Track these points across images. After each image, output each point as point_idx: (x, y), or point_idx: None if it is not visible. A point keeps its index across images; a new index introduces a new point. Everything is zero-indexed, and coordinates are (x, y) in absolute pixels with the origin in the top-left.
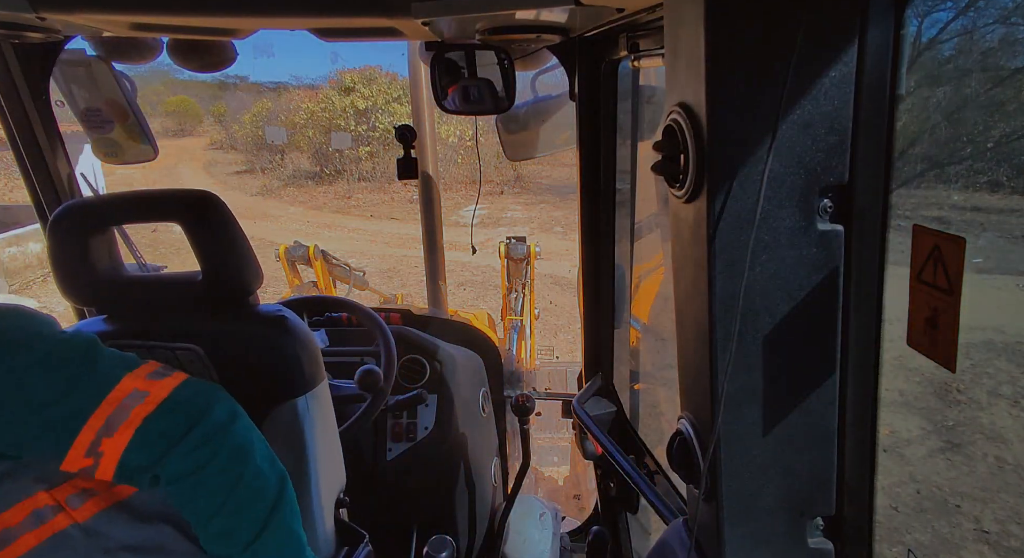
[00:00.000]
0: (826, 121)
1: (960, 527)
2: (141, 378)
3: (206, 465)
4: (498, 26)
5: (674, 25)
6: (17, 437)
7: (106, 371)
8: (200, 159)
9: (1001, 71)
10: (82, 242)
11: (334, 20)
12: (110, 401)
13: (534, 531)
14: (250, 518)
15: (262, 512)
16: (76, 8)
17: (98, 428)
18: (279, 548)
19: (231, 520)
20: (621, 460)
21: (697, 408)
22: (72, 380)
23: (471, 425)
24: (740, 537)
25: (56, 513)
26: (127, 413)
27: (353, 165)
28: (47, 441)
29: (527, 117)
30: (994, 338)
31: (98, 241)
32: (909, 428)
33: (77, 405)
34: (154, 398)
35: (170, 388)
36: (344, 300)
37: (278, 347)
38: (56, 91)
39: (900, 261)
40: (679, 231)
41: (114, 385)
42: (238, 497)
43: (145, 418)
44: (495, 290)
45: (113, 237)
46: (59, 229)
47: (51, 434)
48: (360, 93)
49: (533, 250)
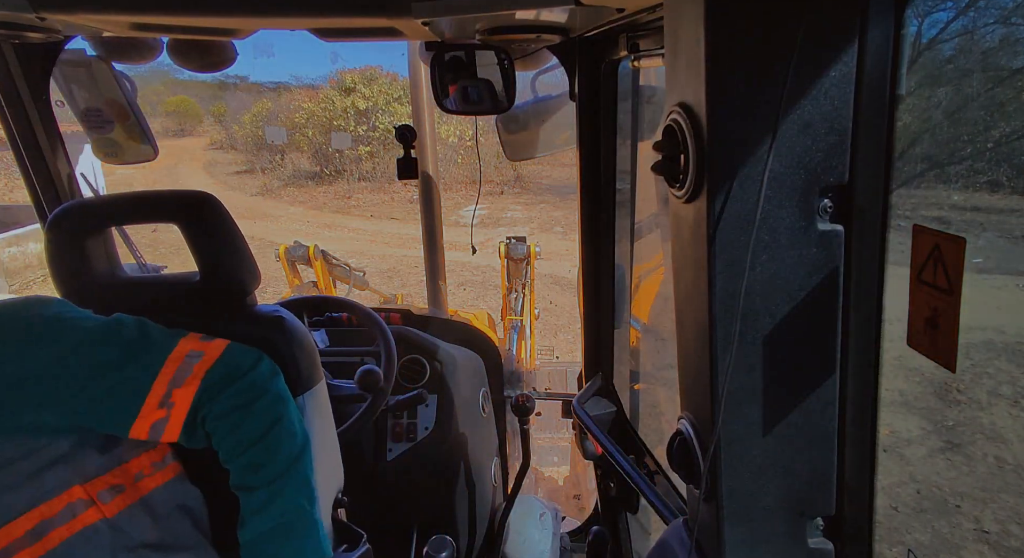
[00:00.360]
0: (826, 121)
1: (960, 527)
2: (195, 340)
3: (253, 402)
4: (498, 26)
5: (674, 25)
6: (76, 406)
7: (161, 339)
8: (200, 159)
9: (1001, 71)
10: (80, 243)
11: (334, 20)
12: (173, 359)
13: (534, 531)
14: (280, 456)
15: (290, 454)
16: (76, 8)
17: (167, 381)
18: (297, 490)
19: (264, 454)
20: (621, 460)
21: (697, 408)
22: (131, 347)
23: (471, 425)
24: (740, 537)
25: (87, 507)
26: (190, 368)
27: (353, 165)
28: (113, 404)
29: (527, 117)
30: (994, 338)
31: (96, 242)
32: (909, 428)
33: (143, 366)
34: (210, 356)
35: (222, 348)
36: (344, 300)
37: (277, 347)
38: (56, 91)
39: (900, 261)
40: (679, 231)
41: (173, 347)
42: (275, 434)
43: (207, 370)
44: (495, 290)
45: (111, 238)
46: (57, 230)
47: (117, 397)
48: (361, 93)
49: (533, 250)
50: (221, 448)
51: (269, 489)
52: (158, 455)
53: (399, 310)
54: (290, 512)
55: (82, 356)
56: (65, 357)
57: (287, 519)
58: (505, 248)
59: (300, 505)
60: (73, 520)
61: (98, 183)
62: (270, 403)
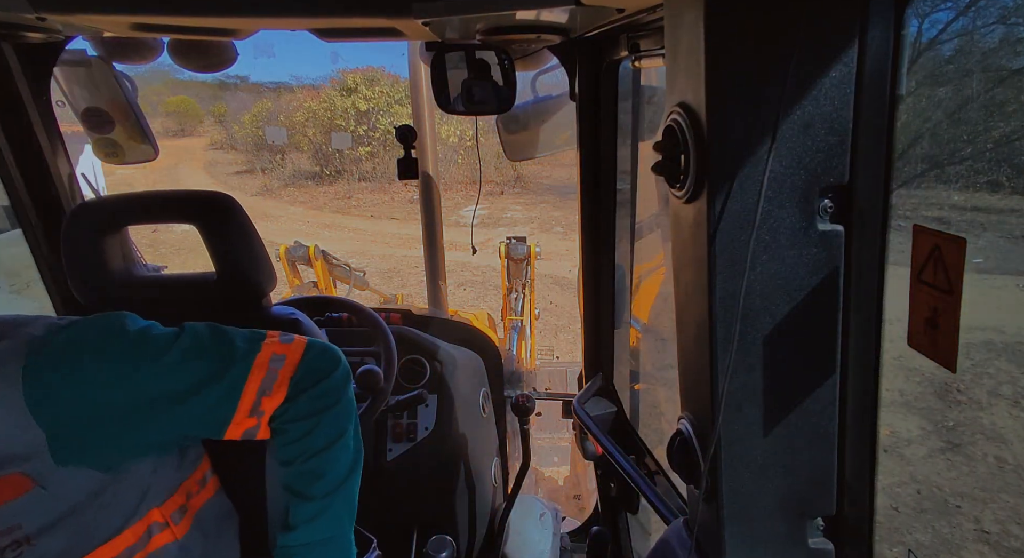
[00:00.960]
0: (826, 121)
1: (960, 527)
2: (276, 344)
3: (328, 409)
4: (498, 26)
5: (674, 25)
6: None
7: (244, 346)
8: (200, 159)
9: (1001, 71)
10: (97, 242)
11: (335, 20)
12: (259, 365)
13: (534, 531)
14: (338, 470)
15: (346, 469)
16: (76, 9)
17: (256, 389)
18: (343, 506)
19: (325, 464)
20: (621, 460)
21: (697, 408)
22: (222, 360)
23: (471, 425)
24: (740, 537)
25: (162, 530)
26: (276, 375)
27: (353, 165)
28: (211, 419)
29: (527, 117)
30: (994, 338)
31: (113, 240)
32: (909, 428)
33: (233, 378)
34: (292, 359)
35: (302, 348)
36: (344, 300)
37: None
38: (57, 91)
39: (900, 261)
40: (679, 231)
41: (257, 352)
42: (339, 446)
43: (291, 377)
44: (495, 290)
45: (128, 236)
46: (75, 228)
47: (214, 411)
48: (362, 94)
49: (533, 250)
50: (286, 450)
51: (323, 501)
52: (200, 473)
53: (399, 310)
54: (334, 528)
55: (180, 374)
56: (163, 376)
57: (331, 534)
58: (505, 248)
59: (343, 522)
60: (150, 542)
61: (98, 183)
62: (341, 412)
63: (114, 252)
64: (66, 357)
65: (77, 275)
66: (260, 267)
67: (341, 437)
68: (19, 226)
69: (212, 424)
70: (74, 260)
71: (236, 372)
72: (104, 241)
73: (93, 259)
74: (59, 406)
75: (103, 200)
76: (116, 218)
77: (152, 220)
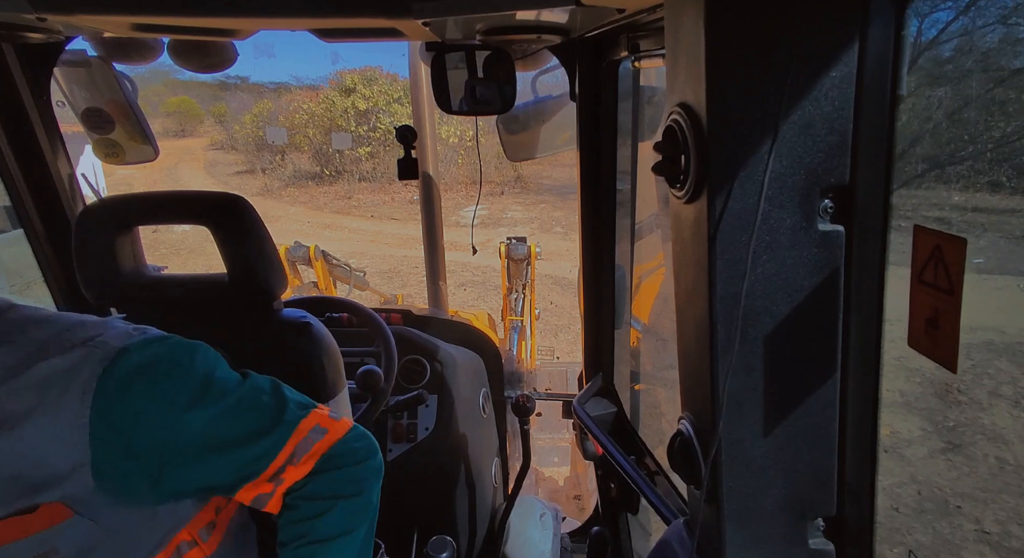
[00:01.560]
0: (827, 121)
1: (961, 528)
2: (323, 416)
3: (344, 498)
4: (499, 26)
5: (674, 25)
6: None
7: (294, 410)
8: (201, 159)
9: (1001, 71)
10: (109, 241)
11: (335, 20)
12: (299, 432)
13: (534, 531)
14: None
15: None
16: (76, 9)
17: (286, 457)
18: None
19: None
20: (622, 460)
21: (698, 409)
22: (273, 418)
23: (471, 426)
24: (741, 538)
25: (191, 548)
26: (309, 446)
27: (353, 165)
28: (236, 475)
29: (528, 118)
30: (995, 339)
31: (124, 240)
32: (910, 429)
33: (274, 439)
34: (331, 437)
35: (344, 430)
36: (344, 300)
37: (304, 354)
38: (57, 91)
39: (901, 262)
40: (680, 232)
41: (302, 419)
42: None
43: (323, 453)
44: (495, 290)
45: (138, 237)
46: (86, 227)
47: (243, 468)
48: (361, 94)
49: (533, 250)
50: (288, 529)
51: None
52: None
53: (399, 310)
54: None
55: (230, 424)
56: (219, 422)
57: None
58: (505, 248)
59: None
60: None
61: (99, 184)
62: (360, 507)
63: (125, 251)
64: (132, 384)
65: (88, 274)
66: (272, 269)
67: (349, 534)
68: (20, 226)
69: (234, 480)
70: (85, 258)
71: (279, 433)
72: (116, 240)
73: (104, 258)
74: (111, 432)
75: (115, 199)
76: (128, 217)
77: (164, 220)
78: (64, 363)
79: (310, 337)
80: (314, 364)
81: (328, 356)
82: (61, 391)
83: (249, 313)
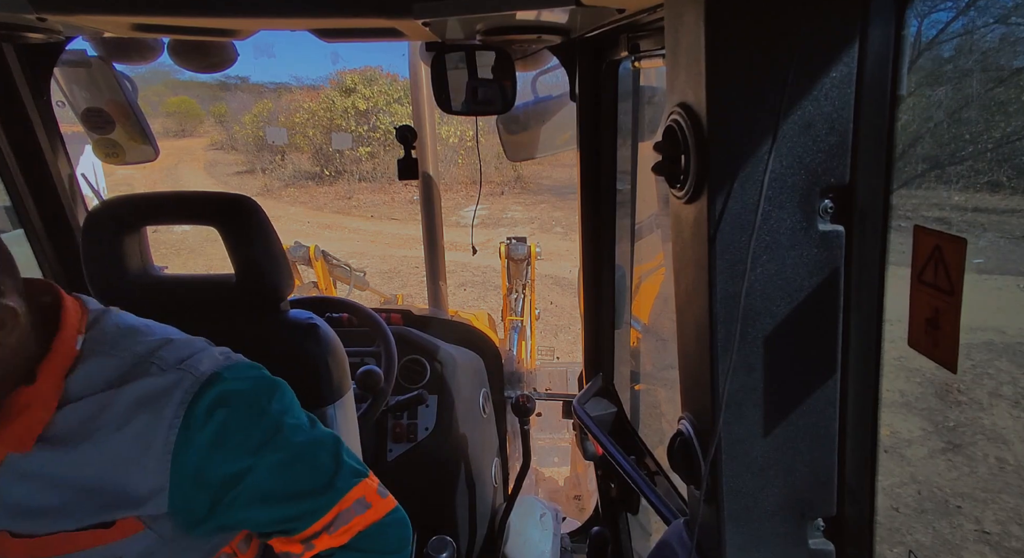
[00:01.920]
0: (827, 121)
1: (961, 528)
2: (372, 489)
3: None
4: (499, 26)
5: (674, 25)
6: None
7: (347, 476)
8: (201, 159)
9: (1001, 71)
10: (117, 240)
11: (335, 21)
12: (345, 501)
13: (534, 531)
14: None
15: None
16: (77, 9)
17: (324, 524)
18: None
19: None
20: (622, 460)
21: (698, 409)
22: (327, 480)
23: (471, 426)
24: (741, 538)
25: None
26: (349, 518)
27: (354, 166)
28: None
29: (528, 118)
30: (995, 339)
31: (132, 240)
32: (910, 429)
33: (322, 502)
34: (375, 514)
35: (386, 510)
36: (345, 300)
37: (310, 356)
38: (57, 91)
39: (901, 262)
40: (680, 232)
41: (351, 487)
42: None
43: (360, 530)
44: (496, 290)
45: (146, 237)
46: (94, 227)
47: (283, 523)
48: (361, 94)
49: (533, 250)
50: None
51: None
52: None
53: (399, 310)
54: None
55: (287, 477)
56: (278, 472)
57: None
58: (505, 248)
59: None
60: None
61: (99, 184)
62: None
63: (133, 251)
64: (215, 413)
65: (96, 273)
66: (279, 270)
67: None
68: (20, 226)
69: (271, 531)
70: (93, 258)
71: (327, 498)
72: (124, 240)
73: (113, 258)
74: (189, 460)
75: (124, 199)
76: (136, 218)
77: (172, 221)
78: (160, 384)
79: (317, 339)
80: (320, 366)
81: (334, 358)
82: (153, 413)
83: (256, 314)
